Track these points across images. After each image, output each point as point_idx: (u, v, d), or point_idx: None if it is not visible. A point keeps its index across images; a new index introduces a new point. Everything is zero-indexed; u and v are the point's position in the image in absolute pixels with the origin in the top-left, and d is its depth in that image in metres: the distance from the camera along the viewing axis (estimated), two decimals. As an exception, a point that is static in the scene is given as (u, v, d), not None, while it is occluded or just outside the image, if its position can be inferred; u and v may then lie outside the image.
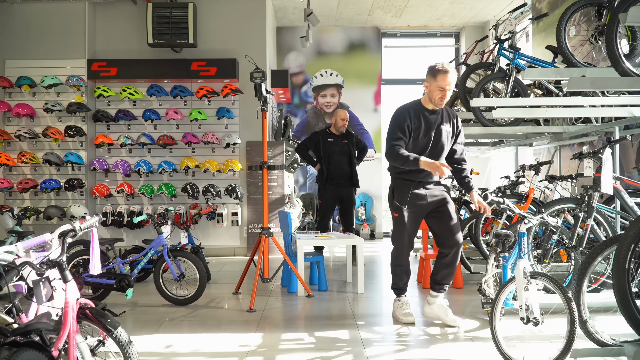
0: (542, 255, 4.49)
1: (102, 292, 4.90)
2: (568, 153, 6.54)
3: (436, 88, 3.89)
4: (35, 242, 2.67)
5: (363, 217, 10.12)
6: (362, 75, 10.39)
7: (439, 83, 3.87)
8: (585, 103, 4.79)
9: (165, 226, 4.98)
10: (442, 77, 3.85)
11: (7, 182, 7.25)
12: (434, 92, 3.91)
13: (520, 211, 3.37)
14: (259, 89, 4.94)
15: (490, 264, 3.87)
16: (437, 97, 3.91)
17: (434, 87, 3.90)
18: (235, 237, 7.82)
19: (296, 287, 5.24)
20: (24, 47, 7.53)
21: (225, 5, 7.85)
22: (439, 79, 3.86)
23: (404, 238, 4.09)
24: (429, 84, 3.94)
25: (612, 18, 3.51)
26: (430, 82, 3.93)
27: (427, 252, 5.51)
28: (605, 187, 3.85)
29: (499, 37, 5.18)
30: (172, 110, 7.53)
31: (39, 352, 2.05)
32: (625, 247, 2.89)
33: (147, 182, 7.64)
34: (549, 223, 3.36)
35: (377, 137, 10.34)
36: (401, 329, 3.99)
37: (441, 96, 3.91)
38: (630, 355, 2.92)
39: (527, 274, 3.11)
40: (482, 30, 10.06)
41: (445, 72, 3.86)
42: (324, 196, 6.87)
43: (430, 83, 3.93)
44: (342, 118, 6.83)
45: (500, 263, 3.54)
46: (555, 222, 3.38)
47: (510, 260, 3.47)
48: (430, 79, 3.93)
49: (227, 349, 3.58)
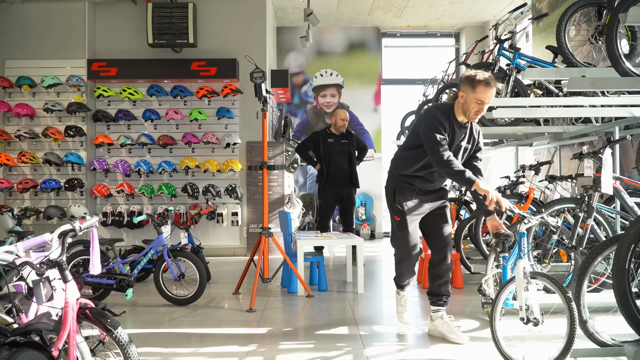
0: (542, 255, 4.48)
1: (102, 292, 4.90)
2: (568, 153, 6.54)
3: (473, 100, 3.43)
4: (35, 242, 2.67)
5: (363, 217, 10.12)
6: (362, 75, 10.39)
7: (478, 95, 3.40)
8: (585, 103, 4.79)
9: (165, 226, 4.98)
10: (482, 89, 3.39)
11: (7, 182, 7.25)
12: (471, 104, 3.45)
13: (520, 211, 3.33)
14: (259, 89, 4.94)
15: (490, 264, 3.84)
16: (474, 110, 3.46)
17: (472, 98, 3.43)
18: (235, 237, 7.82)
19: (296, 287, 5.24)
20: (24, 47, 7.53)
21: (225, 5, 7.85)
22: (479, 91, 3.40)
23: (408, 243, 3.77)
24: (466, 94, 3.46)
25: (612, 18, 3.51)
26: (467, 93, 3.45)
27: (427, 252, 5.50)
28: (605, 187, 3.84)
29: (499, 37, 5.18)
30: (172, 110, 7.53)
31: (39, 352, 2.05)
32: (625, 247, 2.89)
33: (147, 182, 7.64)
34: (549, 223, 3.34)
35: (377, 137, 10.34)
36: (401, 329, 3.99)
37: (478, 110, 3.46)
38: (630, 355, 2.92)
39: (527, 274, 3.09)
40: (482, 30, 10.06)
41: (487, 84, 3.39)
42: (324, 196, 6.88)
43: (467, 94, 3.45)
44: (342, 118, 6.83)
45: (500, 263, 3.51)
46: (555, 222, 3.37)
47: (510, 260, 3.44)
48: (467, 89, 3.45)
49: (227, 349, 3.58)
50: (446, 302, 3.84)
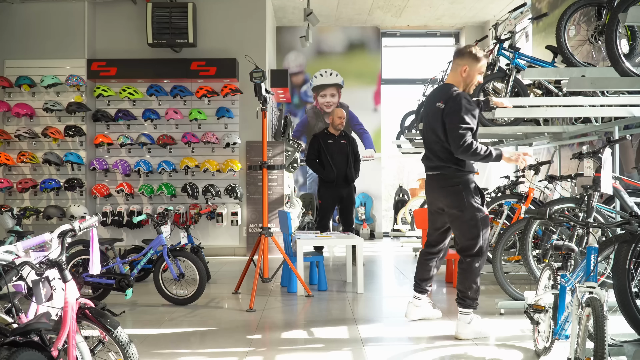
0: (541, 255, 4.49)
1: (101, 292, 4.89)
2: (568, 153, 6.54)
3: (477, 72, 3.79)
4: (34, 242, 2.67)
5: (363, 217, 10.11)
6: (362, 75, 10.39)
7: (481, 67, 3.79)
8: (585, 103, 4.79)
9: (165, 226, 4.98)
10: (484, 62, 3.80)
11: (6, 182, 7.25)
12: (474, 76, 3.79)
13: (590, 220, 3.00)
14: (259, 89, 4.94)
15: (542, 283, 3.21)
16: (477, 82, 3.83)
17: (475, 71, 3.78)
18: (235, 237, 7.81)
19: (296, 287, 5.24)
20: (24, 47, 7.52)
21: (224, 5, 7.84)
22: (482, 64, 3.79)
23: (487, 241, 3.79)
24: (470, 67, 3.78)
25: (611, 18, 3.51)
26: (471, 66, 3.77)
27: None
28: (605, 187, 3.84)
29: (499, 37, 5.17)
30: (172, 110, 7.53)
31: (39, 352, 2.05)
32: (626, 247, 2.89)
33: (146, 182, 7.64)
34: None
35: (376, 137, 10.34)
36: (401, 329, 3.99)
37: (479, 81, 3.84)
38: (630, 355, 2.92)
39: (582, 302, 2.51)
40: (482, 30, 10.06)
41: (486, 57, 3.82)
42: (324, 196, 6.88)
43: (471, 67, 3.77)
44: (339, 116, 6.87)
45: (558, 283, 2.91)
46: None
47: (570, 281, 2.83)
48: (471, 62, 3.77)
49: (227, 348, 3.58)
50: None
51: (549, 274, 3.11)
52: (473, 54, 3.77)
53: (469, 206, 3.66)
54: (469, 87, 3.86)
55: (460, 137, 3.55)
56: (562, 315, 2.86)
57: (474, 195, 3.69)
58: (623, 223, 2.67)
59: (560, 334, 2.86)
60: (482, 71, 3.83)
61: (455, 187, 3.70)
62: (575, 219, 2.92)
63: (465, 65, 3.78)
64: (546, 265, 3.18)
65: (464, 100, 3.65)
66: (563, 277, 2.86)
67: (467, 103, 3.65)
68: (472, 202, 3.67)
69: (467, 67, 3.78)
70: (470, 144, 3.55)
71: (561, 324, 2.86)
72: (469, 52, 3.78)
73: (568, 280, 2.84)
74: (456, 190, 3.69)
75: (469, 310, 3.72)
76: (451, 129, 3.62)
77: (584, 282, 2.60)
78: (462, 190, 3.68)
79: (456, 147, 3.59)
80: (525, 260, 4.36)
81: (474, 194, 3.70)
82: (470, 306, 3.72)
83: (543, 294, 3.10)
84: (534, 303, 3.12)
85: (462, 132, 3.56)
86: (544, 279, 3.19)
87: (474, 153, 3.56)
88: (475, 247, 3.68)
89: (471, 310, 3.72)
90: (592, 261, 2.61)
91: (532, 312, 3.13)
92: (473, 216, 3.66)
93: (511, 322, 4.06)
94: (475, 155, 3.58)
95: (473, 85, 3.87)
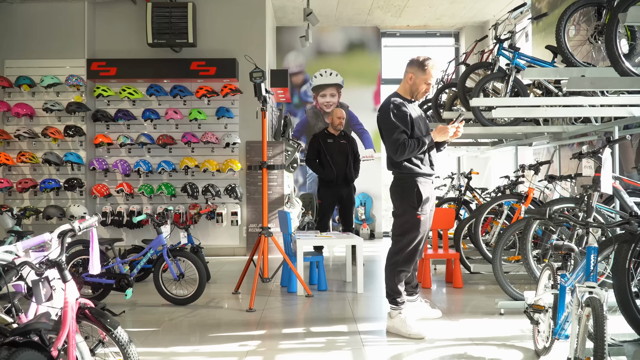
0: (541, 255, 4.49)
1: (101, 292, 4.89)
2: (567, 153, 6.54)
3: (423, 81, 3.87)
4: (34, 242, 2.67)
5: (363, 216, 10.11)
6: (362, 75, 10.39)
7: (427, 77, 3.86)
8: (584, 103, 4.79)
9: (164, 226, 4.98)
10: (431, 72, 3.86)
11: (6, 182, 7.25)
12: (420, 85, 3.88)
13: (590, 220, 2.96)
14: (259, 89, 4.94)
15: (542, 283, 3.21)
16: (423, 90, 3.90)
17: (421, 80, 3.87)
18: (234, 237, 7.81)
19: (296, 287, 5.24)
20: (24, 47, 7.52)
21: (224, 5, 7.84)
22: (428, 73, 3.86)
23: (421, 243, 3.92)
24: (415, 76, 3.88)
25: (611, 18, 3.51)
26: (417, 75, 3.88)
27: (427, 252, 5.51)
28: (605, 187, 3.84)
29: (499, 37, 5.17)
30: (172, 110, 7.52)
31: (38, 352, 2.05)
32: (625, 247, 2.89)
33: (146, 181, 7.64)
34: None
35: (376, 137, 10.32)
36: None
37: (426, 90, 3.91)
38: (630, 355, 2.92)
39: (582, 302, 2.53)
40: (482, 30, 10.06)
41: (433, 67, 3.86)
42: (324, 196, 6.89)
43: (417, 76, 3.88)
44: (339, 116, 6.88)
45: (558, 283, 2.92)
46: None
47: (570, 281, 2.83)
48: (418, 71, 3.87)
49: (227, 348, 3.58)
50: None
51: (548, 273, 3.11)
52: (420, 62, 3.87)
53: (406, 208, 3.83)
54: (416, 96, 3.94)
55: (394, 142, 3.75)
56: (562, 315, 2.86)
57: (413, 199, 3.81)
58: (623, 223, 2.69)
59: (560, 333, 2.87)
60: (429, 82, 3.88)
61: (397, 188, 3.91)
62: (575, 219, 2.92)
63: (411, 73, 3.90)
64: (546, 265, 3.16)
65: (392, 105, 3.83)
66: (563, 277, 2.87)
67: (395, 108, 3.82)
68: (408, 204, 3.82)
69: (413, 75, 3.89)
70: (402, 143, 3.74)
71: (561, 324, 2.86)
72: (417, 61, 3.89)
73: (568, 280, 2.85)
74: (398, 191, 3.90)
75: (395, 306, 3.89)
76: (384, 135, 3.87)
77: (584, 282, 2.60)
78: (402, 191, 3.87)
79: (393, 152, 3.80)
80: (525, 260, 4.35)
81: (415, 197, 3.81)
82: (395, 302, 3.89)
83: (543, 294, 3.10)
84: (534, 303, 3.13)
85: (396, 137, 3.76)
86: (543, 279, 3.18)
87: (410, 151, 3.75)
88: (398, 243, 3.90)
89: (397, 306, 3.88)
90: (591, 261, 2.62)
91: (532, 312, 3.13)
92: (407, 219, 3.84)
93: (511, 322, 4.06)
94: (411, 152, 3.77)
95: (420, 94, 3.93)
